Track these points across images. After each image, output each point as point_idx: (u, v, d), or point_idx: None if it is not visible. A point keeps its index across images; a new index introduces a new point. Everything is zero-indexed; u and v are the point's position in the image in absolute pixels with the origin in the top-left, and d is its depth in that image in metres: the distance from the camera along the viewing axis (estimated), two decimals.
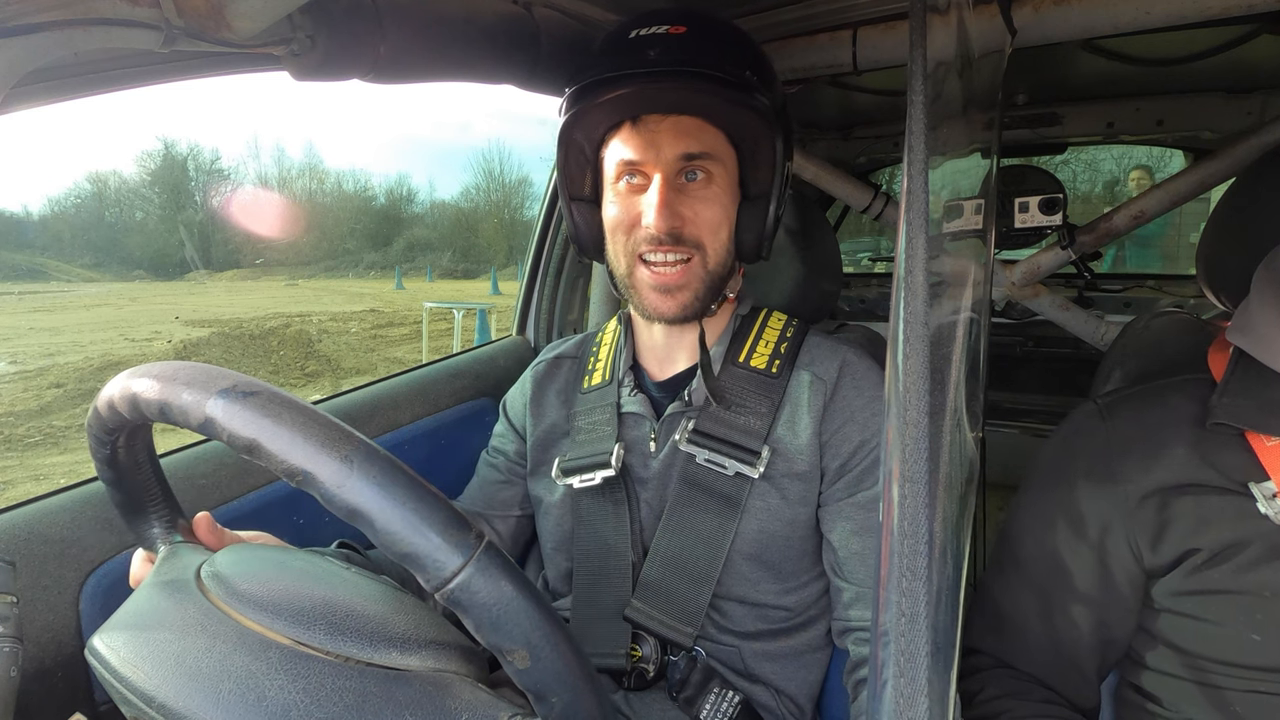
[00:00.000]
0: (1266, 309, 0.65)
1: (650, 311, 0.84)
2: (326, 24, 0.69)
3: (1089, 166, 5.55)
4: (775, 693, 0.83)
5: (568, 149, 0.86)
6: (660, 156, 0.80)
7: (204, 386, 0.42)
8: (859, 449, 0.82)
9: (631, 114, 0.81)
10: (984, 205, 0.77)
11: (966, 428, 0.54)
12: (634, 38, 0.80)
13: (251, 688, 0.41)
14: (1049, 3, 0.92)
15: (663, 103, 0.80)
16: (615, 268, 0.87)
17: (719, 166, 0.82)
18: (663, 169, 0.80)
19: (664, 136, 0.80)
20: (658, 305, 0.83)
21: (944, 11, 0.56)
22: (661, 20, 0.80)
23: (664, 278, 0.82)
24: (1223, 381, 0.68)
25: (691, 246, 0.81)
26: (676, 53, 0.78)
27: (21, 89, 0.60)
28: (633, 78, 0.77)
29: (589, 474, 0.87)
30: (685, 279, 0.82)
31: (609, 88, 0.78)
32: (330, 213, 33.81)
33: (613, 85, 0.78)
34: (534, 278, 1.46)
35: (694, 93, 0.79)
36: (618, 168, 0.83)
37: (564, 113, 0.82)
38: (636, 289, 0.84)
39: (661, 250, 0.81)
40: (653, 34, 0.80)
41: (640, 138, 0.80)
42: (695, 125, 0.81)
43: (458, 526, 0.39)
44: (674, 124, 0.80)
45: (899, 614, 0.33)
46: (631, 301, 0.87)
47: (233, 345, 9.49)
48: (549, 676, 0.39)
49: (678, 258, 0.81)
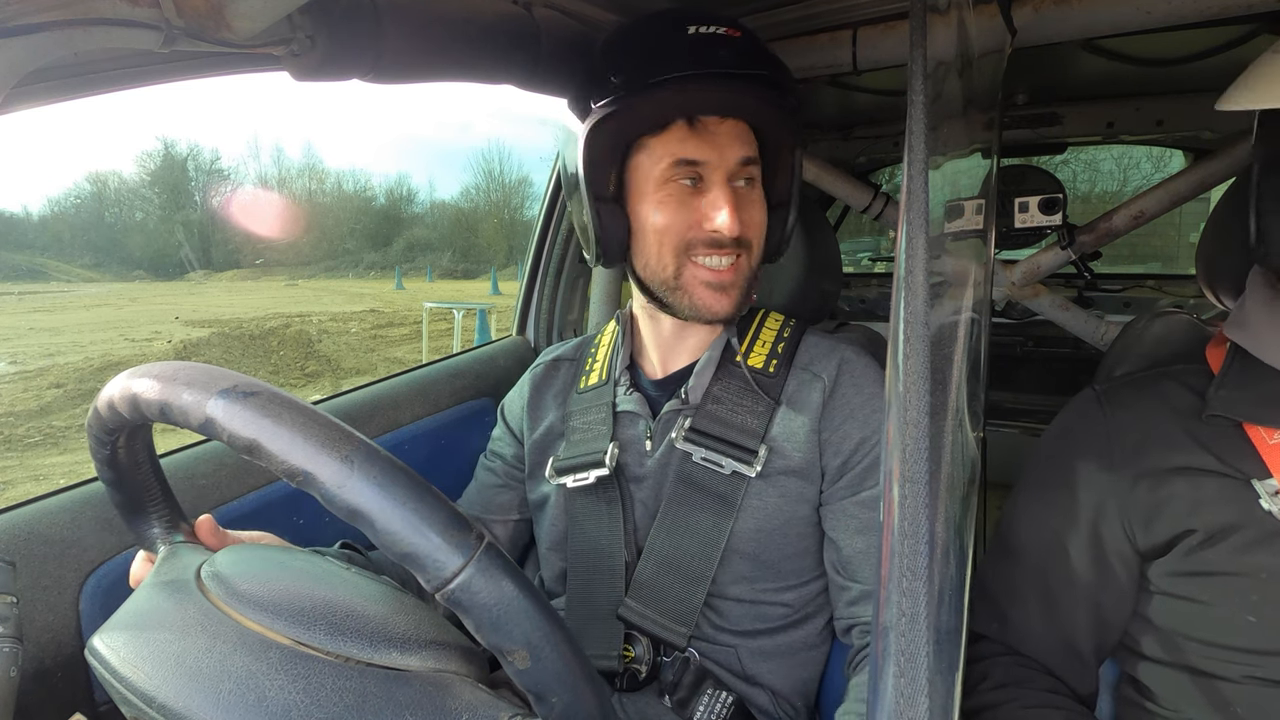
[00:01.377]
0: (1261, 306, 0.68)
1: (702, 310, 0.83)
2: (326, 24, 0.69)
3: (1089, 166, 5.55)
4: (772, 694, 0.83)
5: (598, 146, 0.80)
6: (723, 158, 0.80)
7: (204, 387, 0.42)
8: (860, 446, 0.82)
9: (695, 113, 0.80)
10: (984, 205, 0.77)
11: (968, 427, 0.54)
12: (695, 35, 0.78)
13: (252, 688, 0.41)
14: (1049, 3, 0.92)
15: (728, 105, 0.80)
16: (655, 270, 0.84)
17: (757, 170, 0.84)
18: (724, 171, 0.80)
19: (724, 138, 0.80)
20: (711, 304, 0.83)
21: (944, 11, 0.56)
22: (709, 21, 0.79)
23: (720, 274, 0.82)
24: (1219, 374, 0.70)
25: (743, 246, 0.82)
26: (746, 57, 0.78)
27: (21, 89, 0.60)
28: (710, 77, 0.76)
29: (583, 473, 0.87)
30: (735, 277, 0.83)
31: (680, 84, 0.76)
32: (330, 213, 33.82)
33: (687, 83, 0.76)
34: (534, 278, 1.46)
35: (755, 98, 0.79)
36: (671, 168, 0.80)
37: (610, 104, 0.77)
38: (686, 288, 0.83)
39: (718, 252, 0.81)
40: (715, 34, 0.78)
41: (700, 138, 0.79)
42: (744, 129, 0.82)
43: (458, 527, 0.39)
44: (731, 127, 0.81)
45: (899, 614, 0.33)
46: (670, 302, 0.85)
47: (233, 345, 9.49)
48: (549, 677, 0.39)
49: (730, 258, 0.82)
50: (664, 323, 0.90)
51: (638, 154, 0.82)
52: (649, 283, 0.86)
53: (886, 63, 1.08)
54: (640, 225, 0.83)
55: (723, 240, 0.80)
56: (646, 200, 0.82)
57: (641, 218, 0.83)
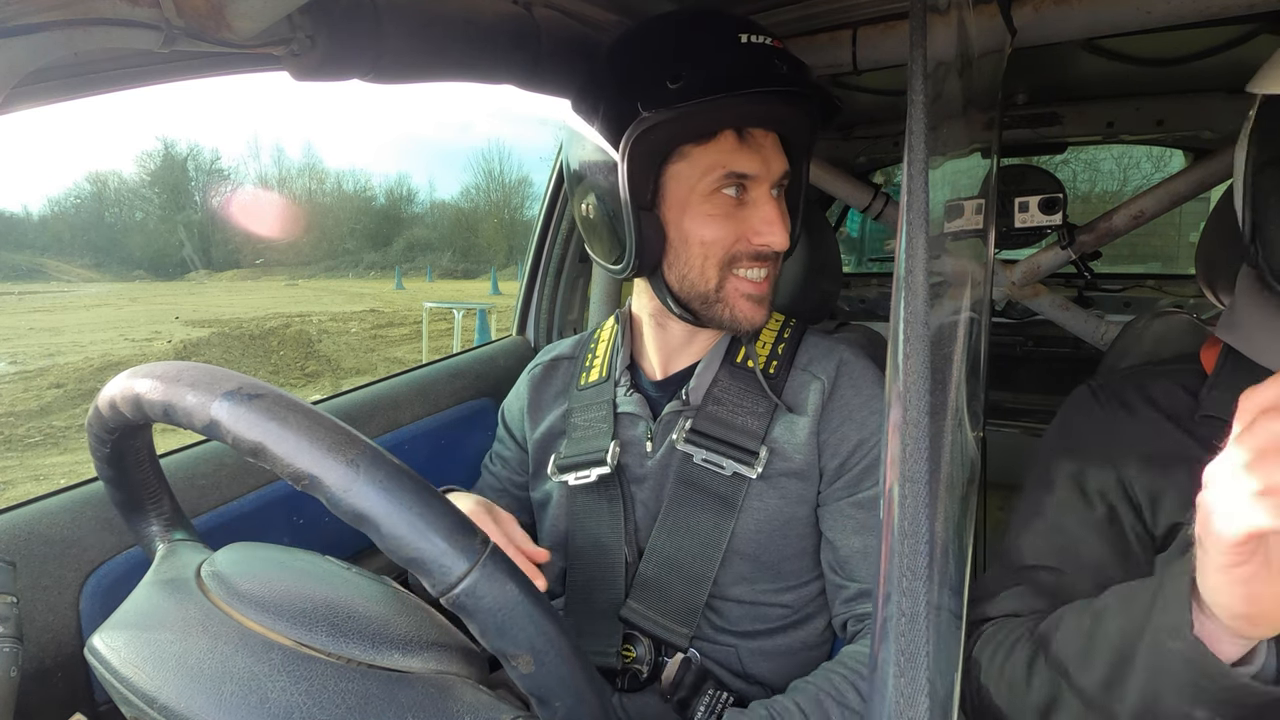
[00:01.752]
0: (1251, 307, 0.68)
1: (742, 322, 0.82)
2: (326, 24, 0.68)
3: (1089, 166, 5.55)
4: (771, 694, 0.83)
5: (642, 154, 0.76)
6: (769, 171, 0.79)
7: (209, 388, 0.42)
8: (857, 448, 0.82)
9: (748, 125, 0.78)
10: (984, 205, 0.77)
11: (968, 427, 0.54)
12: (749, 45, 0.76)
13: (254, 689, 0.41)
14: (1049, 3, 0.92)
15: (780, 119, 0.79)
16: (694, 282, 0.81)
17: (788, 180, 0.84)
18: (770, 183, 0.80)
19: (769, 151, 0.79)
20: (751, 315, 0.82)
21: (944, 11, 0.56)
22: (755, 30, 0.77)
23: (760, 286, 0.82)
24: (1212, 375, 0.70)
25: (776, 257, 0.83)
26: (795, 70, 0.77)
27: (21, 89, 0.60)
28: (771, 93, 0.75)
29: (584, 471, 0.87)
30: (769, 288, 0.83)
31: (746, 98, 0.74)
32: (330, 213, 33.79)
33: (751, 97, 0.74)
34: (534, 278, 1.46)
35: (805, 113, 0.80)
36: (720, 179, 0.77)
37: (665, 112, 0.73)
38: (727, 300, 0.81)
39: (759, 264, 0.81)
40: (767, 45, 0.77)
41: (750, 150, 0.78)
42: (778, 140, 0.81)
43: (463, 531, 0.39)
44: (774, 140, 0.80)
45: (899, 614, 0.33)
46: (706, 313, 0.82)
47: (233, 345, 9.49)
48: (553, 681, 0.39)
49: (767, 270, 0.82)
50: (674, 329, 0.90)
51: (677, 162, 0.78)
52: (683, 294, 0.82)
53: (886, 63, 1.08)
54: (681, 236, 0.80)
55: (768, 254, 0.80)
56: (690, 211, 0.79)
57: (684, 229, 0.79)
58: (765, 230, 0.79)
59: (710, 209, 0.78)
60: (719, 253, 0.79)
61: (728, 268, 0.80)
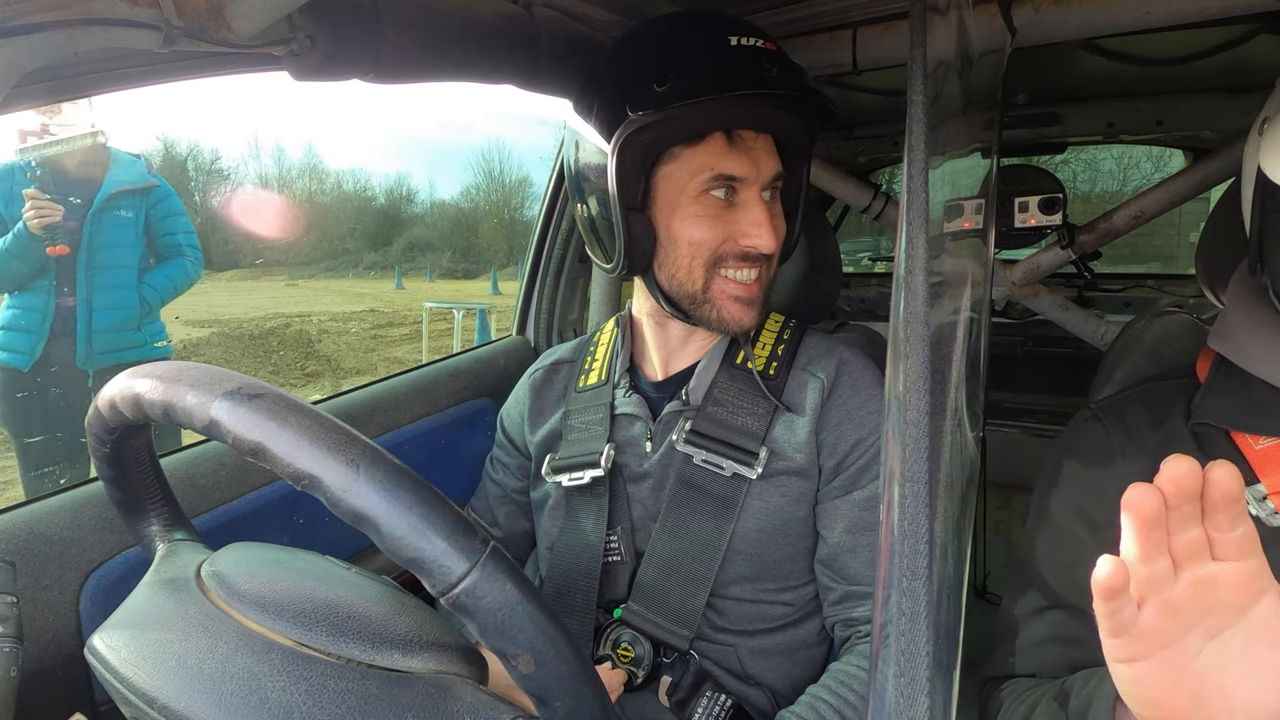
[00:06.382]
0: (1242, 316, 0.68)
1: (729, 323, 0.82)
2: (326, 24, 0.68)
3: (1089, 166, 5.55)
4: (771, 693, 0.83)
5: (631, 155, 0.77)
6: (760, 173, 0.79)
7: (209, 389, 0.42)
8: (855, 447, 0.82)
9: (738, 127, 0.78)
10: (984, 205, 0.77)
11: (967, 427, 0.54)
12: (739, 47, 0.76)
13: (254, 689, 0.41)
14: (1049, 3, 0.92)
15: (770, 121, 0.79)
16: (682, 282, 0.82)
17: (782, 182, 0.84)
18: (759, 185, 0.80)
19: (760, 153, 0.79)
20: (739, 316, 0.82)
21: (944, 11, 0.56)
22: (747, 31, 0.77)
23: (748, 288, 0.82)
24: (1205, 384, 0.70)
25: (767, 258, 0.82)
26: (787, 71, 0.77)
27: (21, 89, 0.60)
28: (759, 95, 0.75)
29: (578, 472, 0.87)
30: (759, 290, 0.83)
31: (733, 100, 0.74)
32: (330, 213, 33.79)
33: (738, 99, 0.74)
34: (534, 278, 1.46)
35: (795, 115, 0.80)
36: (708, 180, 0.78)
37: (652, 114, 0.74)
38: (713, 301, 0.82)
39: (747, 265, 0.81)
40: (757, 47, 0.77)
41: (739, 152, 0.78)
42: (772, 142, 0.81)
43: (463, 531, 0.39)
44: (766, 142, 0.80)
45: (899, 614, 0.33)
46: (695, 314, 0.83)
47: (232, 345, 9.49)
48: (553, 681, 0.39)
49: (756, 271, 0.82)
50: (673, 329, 0.90)
51: (667, 163, 0.79)
52: (673, 294, 0.83)
53: (886, 62, 1.08)
54: (670, 237, 0.80)
55: (755, 255, 0.80)
56: (679, 212, 0.80)
57: (673, 230, 0.80)
58: (753, 232, 0.79)
59: (698, 210, 0.79)
60: (705, 253, 0.80)
61: (714, 268, 0.81)
